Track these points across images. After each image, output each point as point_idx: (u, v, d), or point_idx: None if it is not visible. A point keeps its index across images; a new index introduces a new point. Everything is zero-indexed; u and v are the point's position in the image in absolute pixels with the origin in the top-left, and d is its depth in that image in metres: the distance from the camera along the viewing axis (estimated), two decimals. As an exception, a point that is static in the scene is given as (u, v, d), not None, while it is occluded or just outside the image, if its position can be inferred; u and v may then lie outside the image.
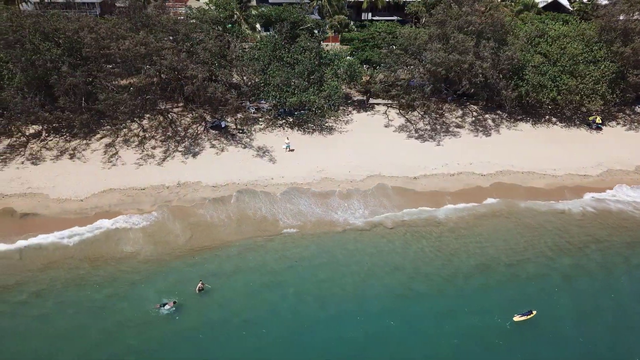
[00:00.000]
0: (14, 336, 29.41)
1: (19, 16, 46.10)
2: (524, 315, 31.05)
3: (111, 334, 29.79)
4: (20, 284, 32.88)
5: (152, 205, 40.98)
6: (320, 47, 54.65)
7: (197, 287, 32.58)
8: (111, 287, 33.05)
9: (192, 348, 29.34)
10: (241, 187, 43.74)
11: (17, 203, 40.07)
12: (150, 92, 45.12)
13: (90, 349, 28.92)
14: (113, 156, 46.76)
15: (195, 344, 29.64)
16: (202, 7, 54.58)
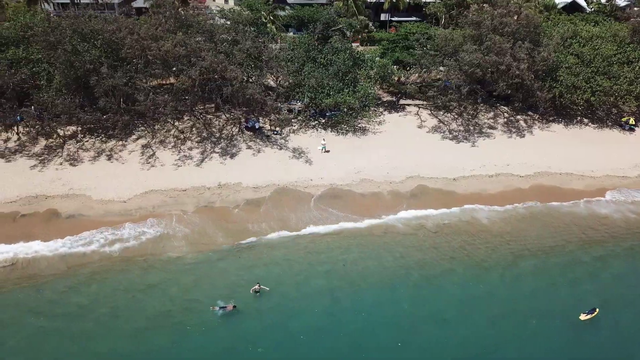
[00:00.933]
0: (75, 338, 29.21)
1: (51, 18, 46.28)
2: (589, 313, 31.07)
3: (169, 338, 29.54)
4: (76, 285, 32.73)
5: (195, 206, 40.87)
6: (352, 48, 54.61)
7: (253, 288, 32.41)
8: (163, 289, 32.83)
9: (250, 352, 29.10)
10: (281, 188, 43.62)
11: (61, 204, 39.98)
12: (192, 93, 44.90)
13: (154, 352, 28.76)
14: (151, 157, 46.69)
15: (253, 348, 29.40)
16: (234, 8, 54.56)
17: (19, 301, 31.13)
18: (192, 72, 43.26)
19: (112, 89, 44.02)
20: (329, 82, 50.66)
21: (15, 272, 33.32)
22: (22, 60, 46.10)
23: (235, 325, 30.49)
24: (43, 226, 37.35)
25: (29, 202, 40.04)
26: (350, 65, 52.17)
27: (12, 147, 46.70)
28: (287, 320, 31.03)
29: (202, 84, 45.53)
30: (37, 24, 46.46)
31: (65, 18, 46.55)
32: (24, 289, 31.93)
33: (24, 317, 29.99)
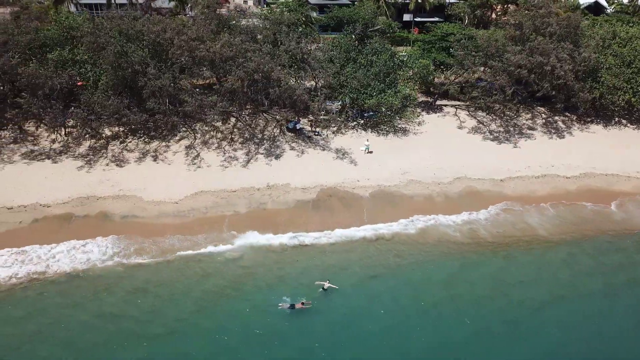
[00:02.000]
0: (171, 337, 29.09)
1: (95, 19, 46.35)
2: None
3: (239, 337, 29.38)
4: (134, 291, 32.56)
5: (247, 208, 40.76)
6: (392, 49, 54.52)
7: (323, 285, 32.28)
8: (235, 291, 32.64)
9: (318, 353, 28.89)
10: (329, 189, 43.50)
11: (113, 205, 39.89)
12: (242, 94, 44.74)
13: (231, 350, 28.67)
14: (196, 158, 46.60)
15: (322, 348, 29.20)
16: (274, 9, 54.53)
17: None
18: (240, 73, 43.10)
19: (159, 90, 43.90)
20: (370, 83, 50.50)
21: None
22: (68, 61, 46.04)
23: (305, 323, 30.21)
24: (99, 227, 37.25)
25: (81, 203, 39.97)
26: (391, 66, 52.03)
27: (56, 148, 46.71)
28: (360, 319, 30.78)
29: (249, 85, 45.37)
30: (83, 26, 46.49)
31: (110, 19, 46.51)
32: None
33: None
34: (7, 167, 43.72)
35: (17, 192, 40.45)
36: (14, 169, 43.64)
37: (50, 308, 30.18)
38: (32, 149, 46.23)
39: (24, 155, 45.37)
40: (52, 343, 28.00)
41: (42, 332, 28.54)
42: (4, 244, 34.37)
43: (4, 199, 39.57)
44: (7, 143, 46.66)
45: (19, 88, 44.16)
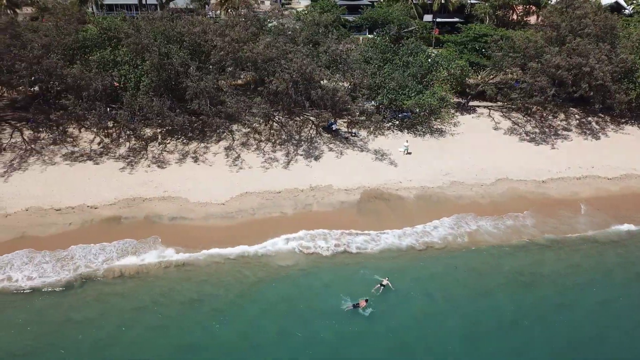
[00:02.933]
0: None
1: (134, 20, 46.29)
2: None
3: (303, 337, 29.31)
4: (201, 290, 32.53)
5: (293, 209, 40.65)
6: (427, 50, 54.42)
7: (382, 281, 32.25)
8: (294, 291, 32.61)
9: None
10: (372, 190, 43.39)
11: (161, 207, 39.77)
12: (286, 95, 44.57)
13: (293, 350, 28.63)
14: (236, 159, 46.49)
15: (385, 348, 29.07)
16: (311, 11, 54.44)
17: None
18: (285, 75, 42.97)
19: (202, 92, 43.80)
20: (407, 84, 50.40)
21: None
22: (109, 62, 45.95)
23: (367, 321, 30.20)
24: (149, 229, 37.17)
25: (128, 204, 39.88)
26: (427, 67, 51.91)
27: (96, 149, 46.62)
28: (421, 318, 30.82)
29: (293, 87, 45.24)
30: (122, 27, 46.42)
31: (150, 20, 46.44)
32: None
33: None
34: (50, 169, 43.65)
35: (62, 193, 40.39)
36: (57, 170, 43.56)
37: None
38: (72, 150, 46.17)
39: (64, 156, 45.30)
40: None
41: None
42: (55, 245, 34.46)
43: (51, 200, 39.52)
44: (48, 144, 46.62)
45: (60, 90, 44.01)
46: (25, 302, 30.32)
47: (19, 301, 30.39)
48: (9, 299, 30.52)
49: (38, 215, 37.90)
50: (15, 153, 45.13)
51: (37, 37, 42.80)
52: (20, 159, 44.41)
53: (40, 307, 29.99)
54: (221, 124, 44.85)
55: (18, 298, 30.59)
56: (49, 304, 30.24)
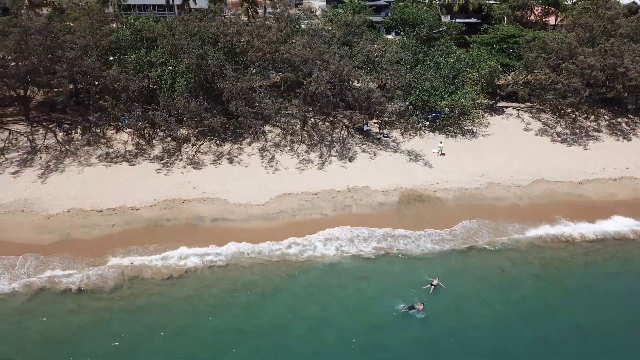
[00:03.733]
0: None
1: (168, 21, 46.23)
2: None
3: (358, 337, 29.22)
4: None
5: (332, 210, 40.54)
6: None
7: (432, 281, 32.21)
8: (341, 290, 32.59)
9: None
10: (410, 191, 43.26)
11: (201, 208, 39.66)
12: (324, 96, 44.38)
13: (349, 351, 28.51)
14: (271, 161, 46.39)
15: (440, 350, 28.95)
16: (341, 12, 54.37)
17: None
18: (324, 76, 42.84)
19: (238, 93, 43.70)
20: (439, 85, 50.30)
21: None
22: (144, 64, 45.88)
23: (424, 324, 30.10)
24: (193, 230, 37.10)
25: (168, 206, 39.77)
26: (458, 67, 51.80)
27: (130, 150, 46.55)
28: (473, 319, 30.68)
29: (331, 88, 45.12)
30: (156, 28, 46.39)
31: (184, 22, 46.38)
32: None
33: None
34: (86, 170, 43.60)
35: (102, 194, 40.31)
36: (93, 171, 43.50)
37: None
38: (107, 151, 46.12)
39: (99, 157, 45.25)
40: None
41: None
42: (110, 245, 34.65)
43: (91, 201, 39.46)
44: (82, 145, 46.58)
45: (97, 91, 43.94)
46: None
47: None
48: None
49: (80, 217, 37.83)
50: (50, 154, 45.10)
51: (77, 39, 42.69)
52: (56, 160, 44.37)
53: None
54: (258, 125, 44.64)
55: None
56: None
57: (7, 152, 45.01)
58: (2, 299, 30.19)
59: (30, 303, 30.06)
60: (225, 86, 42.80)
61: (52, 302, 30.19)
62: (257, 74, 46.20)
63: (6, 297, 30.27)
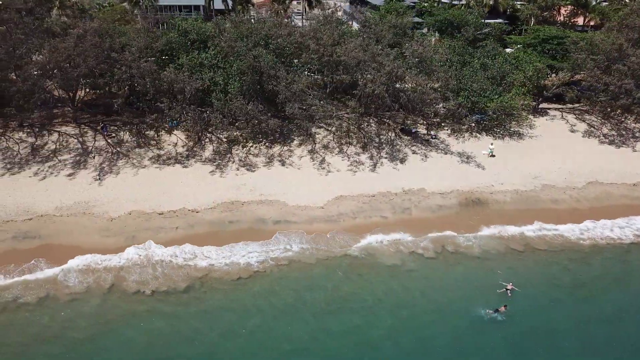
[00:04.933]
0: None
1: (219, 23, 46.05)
2: None
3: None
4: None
5: (392, 213, 40.30)
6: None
7: (506, 286, 32.00)
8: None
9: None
10: (467, 193, 42.99)
11: (261, 210, 39.43)
12: (380, 97, 44.10)
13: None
14: (322, 162, 46.16)
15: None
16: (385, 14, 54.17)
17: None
18: (382, 78, 42.58)
19: (293, 95, 43.48)
20: (488, 86, 50.05)
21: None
22: (197, 65, 45.69)
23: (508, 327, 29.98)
24: (258, 232, 36.94)
25: (228, 208, 39.57)
26: (506, 69, 51.54)
27: (182, 152, 46.36)
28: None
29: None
30: (206, 30, 46.25)
31: (236, 24, 46.21)
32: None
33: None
34: (141, 172, 43.40)
35: (160, 197, 40.11)
36: (148, 173, 43.31)
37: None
38: (159, 153, 45.94)
39: (152, 159, 45.07)
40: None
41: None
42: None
43: (150, 203, 39.27)
44: (132, 147, 46.41)
45: (151, 93, 43.74)
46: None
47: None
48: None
49: (142, 220, 37.66)
50: (102, 156, 44.93)
51: (131, 41, 42.57)
52: (109, 162, 44.21)
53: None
54: (311, 126, 44.42)
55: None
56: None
57: (60, 154, 44.84)
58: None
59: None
60: (280, 89, 42.51)
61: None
62: (310, 76, 45.89)
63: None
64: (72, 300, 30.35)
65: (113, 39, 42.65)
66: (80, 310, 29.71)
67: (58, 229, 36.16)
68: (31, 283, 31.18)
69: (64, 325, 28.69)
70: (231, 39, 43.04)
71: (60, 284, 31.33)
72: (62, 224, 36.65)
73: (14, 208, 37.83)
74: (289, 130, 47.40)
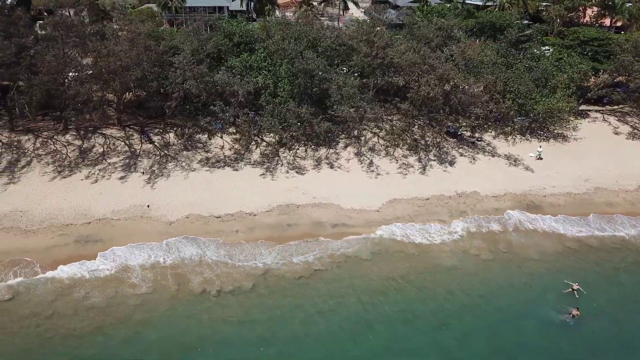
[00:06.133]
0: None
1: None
2: None
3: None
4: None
5: (449, 216, 40.03)
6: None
7: (572, 285, 31.81)
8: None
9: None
10: (520, 197, 42.70)
11: (318, 214, 39.16)
12: (435, 100, 43.83)
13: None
14: (370, 165, 45.93)
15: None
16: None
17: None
18: (434, 80, 42.35)
19: (345, 98, 43.24)
20: (533, 88, 49.79)
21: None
22: (247, 68, 45.51)
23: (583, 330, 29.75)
24: (316, 236, 36.72)
25: (284, 211, 39.35)
26: (550, 71, 51.27)
27: (229, 155, 46.14)
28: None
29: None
30: (254, 32, 46.11)
31: (285, 26, 46.05)
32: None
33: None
34: (191, 175, 43.18)
35: (214, 200, 39.89)
36: (199, 176, 43.07)
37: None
38: (207, 156, 45.75)
39: (200, 162, 44.87)
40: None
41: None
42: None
43: (206, 207, 39.05)
44: (180, 150, 46.24)
45: (204, 96, 43.57)
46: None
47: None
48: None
49: (201, 223, 37.46)
50: (151, 159, 44.75)
51: (181, 44, 42.46)
52: (158, 165, 44.02)
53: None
54: (362, 128, 44.20)
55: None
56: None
57: (108, 157, 44.69)
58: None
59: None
60: (332, 91, 42.31)
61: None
62: (360, 78, 45.71)
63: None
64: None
65: (165, 42, 42.49)
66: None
67: (118, 232, 35.97)
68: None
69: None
70: (281, 41, 42.80)
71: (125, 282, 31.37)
72: (121, 228, 36.47)
73: (71, 212, 37.66)
74: (335, 132, 47.02)
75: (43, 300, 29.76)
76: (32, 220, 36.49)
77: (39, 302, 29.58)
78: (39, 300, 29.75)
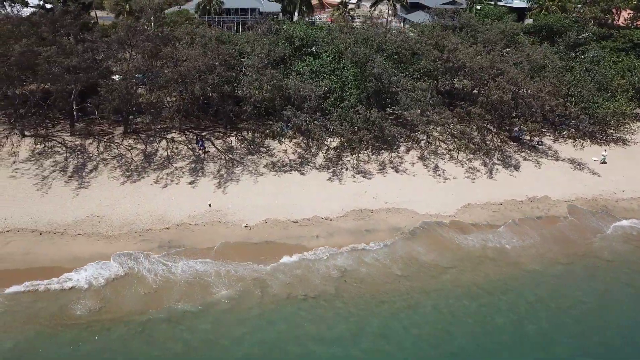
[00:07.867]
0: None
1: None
2: None
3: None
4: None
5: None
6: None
7: None
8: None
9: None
10: (591, 201, 42.32)
11: (394, 219, 38.78)
12: (506, 104, 43.55)
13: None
14: (436, 169, 45.56)
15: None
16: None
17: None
18: (504, 84, 42.02)
19: (413, 102, 43.00)
20: (595, 92, 49.44)
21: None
22: (313, 73, 45.26)
23: None
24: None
25: (359, 216, 39.05)
26: (612, 74, 50.92)
27: (294, 159, 45.87)
28: None
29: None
30: (317, 36, 45.93)
31: (349, 29, 45.85)
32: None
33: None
34: (260, 179, 42.94)
35: (288, 205, 39.56)
36: (267, 180, 42.79)
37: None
38: (272, 160, 45.52)
39: (267, 167, 44.62)
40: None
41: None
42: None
43: (282, 211, 38.78)
44: (244, 154, 46.03)
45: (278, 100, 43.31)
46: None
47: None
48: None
49: (280, 228, 37.22)
50: (217, 164, 44.52)
51: (256, 48, 42.31)
52: (226, 169, 43.78)
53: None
54: (432, 131, 43.93)
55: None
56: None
57: (174, 161, 44.50)
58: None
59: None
60: (401, 96, 42.09)
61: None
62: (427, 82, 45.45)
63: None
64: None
65: (234, 46, 42.34)
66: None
67: (198, 237, 35.74)
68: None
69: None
70: (352, 45, 42.57)
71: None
72: (201, 233, 36.24)
73: (148, 217, 37.45)
74: (401, 136, 46.77)
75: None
76: (111, 225, 36.32)
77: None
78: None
